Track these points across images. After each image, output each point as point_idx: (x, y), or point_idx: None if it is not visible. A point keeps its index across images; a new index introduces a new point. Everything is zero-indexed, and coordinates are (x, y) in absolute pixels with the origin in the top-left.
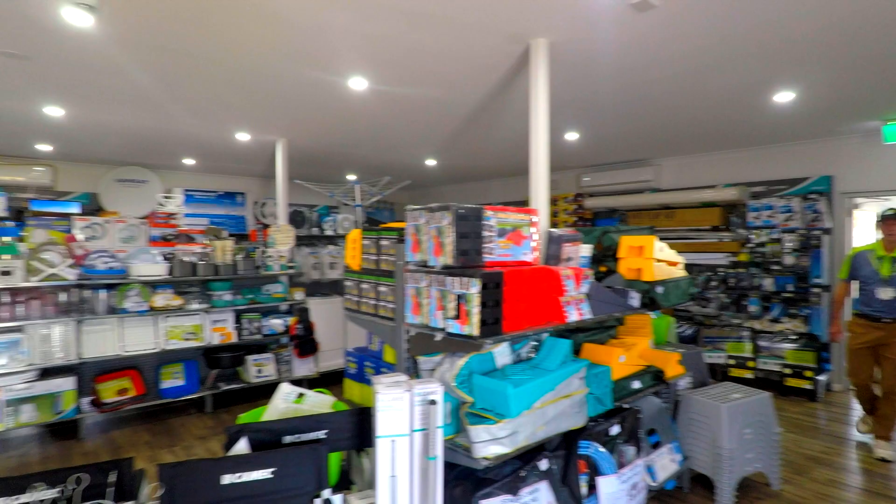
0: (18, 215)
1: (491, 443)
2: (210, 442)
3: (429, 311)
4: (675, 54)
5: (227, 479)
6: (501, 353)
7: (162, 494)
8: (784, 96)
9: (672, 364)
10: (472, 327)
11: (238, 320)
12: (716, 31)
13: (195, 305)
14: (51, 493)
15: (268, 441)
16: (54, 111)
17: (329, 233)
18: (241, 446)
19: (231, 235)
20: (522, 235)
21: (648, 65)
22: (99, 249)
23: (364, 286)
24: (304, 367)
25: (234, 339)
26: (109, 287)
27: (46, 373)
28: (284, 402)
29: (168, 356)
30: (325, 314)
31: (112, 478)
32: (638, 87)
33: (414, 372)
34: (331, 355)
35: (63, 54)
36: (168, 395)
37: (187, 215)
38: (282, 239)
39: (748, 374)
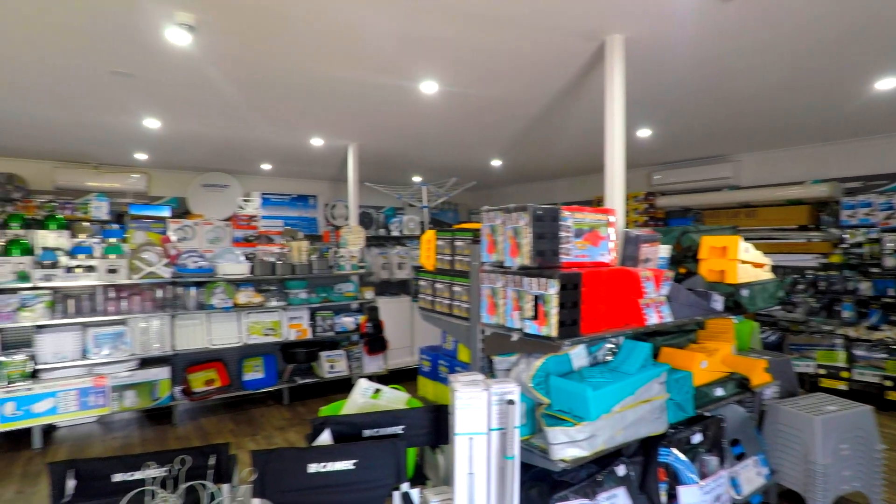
0: (119, 218)
1: (569, 445)
2: (288, 433)
3: (505, 311)
4: (761, 43)
5: (312, 467)
6: (578, 355)
7: (255, 479)
8: (887, 83)
9: (758, 372)
10: (551, 328)
11: (313, 317)
12: (810, 14)
13: (274, 303)
14: (160, 472)
15: (349, 434)
16: (152, 123)
17: (395, 233)
18: (325, 437)
19: (305, 237)
20: (600, 236)
21: (731, 55)
22: (189, 250)
23: (438, 286)
24: (373, 364)
25: (308, 335)
26: (198, 285)
27: (145, 362)
28: (363, 397)
29: (249, 350)
30: (393, 313)
31: (211, 461)
32: (718, 79)
33: (489, 371)
34: (399, 353)
35: (163, 71)
36: (249, 386)
37: (264, 217)
38: (353, 240)
39: (842, 386)
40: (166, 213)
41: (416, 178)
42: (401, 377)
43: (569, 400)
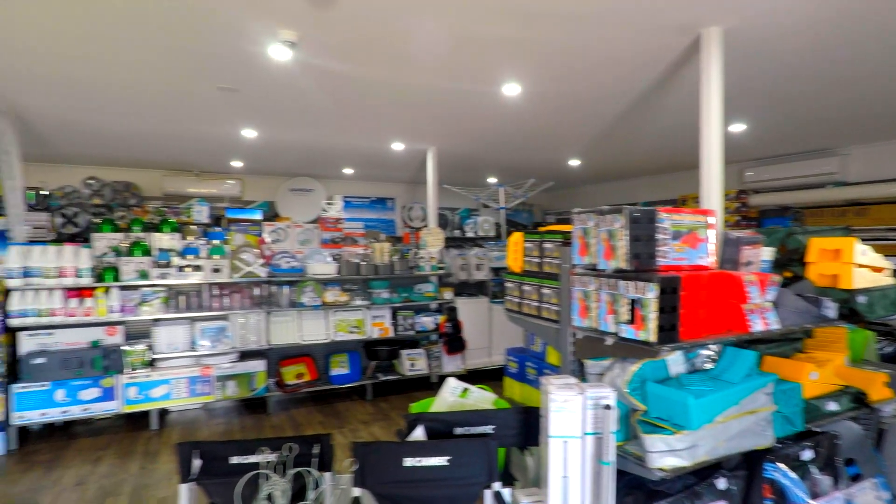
0: (217, 221)
1: (667, 454)
2: (372, 427)
3: (598, 314)
4: (877, 29)
5: (408, 461)
6: (675, 361)
7: (355, 469)
8: None
9: (877, 386)
10: (649, 333)
11: (394, 316)
12: None
13: (358, 302)
14: (271, 457)
15: (441, 431)
16: (249, 133)
17: (470, 234)
18: (419, 433)
19: (386, 238)
20: (699, 238)
21: (840, 44)
22: (282, 251)
23: (526, 288)
24: (452, 364)
25: (390, 333)
26: (290, 284)
27: (244, 355)
28: (452, 396)
29: (335, 346)
30: (471, 313)
31: (315, 450)
32: (823, 69)
33: (580, 375)
34: (477, 353)
35: (263, 85)
36: (336, 381)
37: (345, 219)
38: (432, 241)
39: None
40: (258, 215)
41: (492, 179)
42: (479, 377)
43: (668, 407)
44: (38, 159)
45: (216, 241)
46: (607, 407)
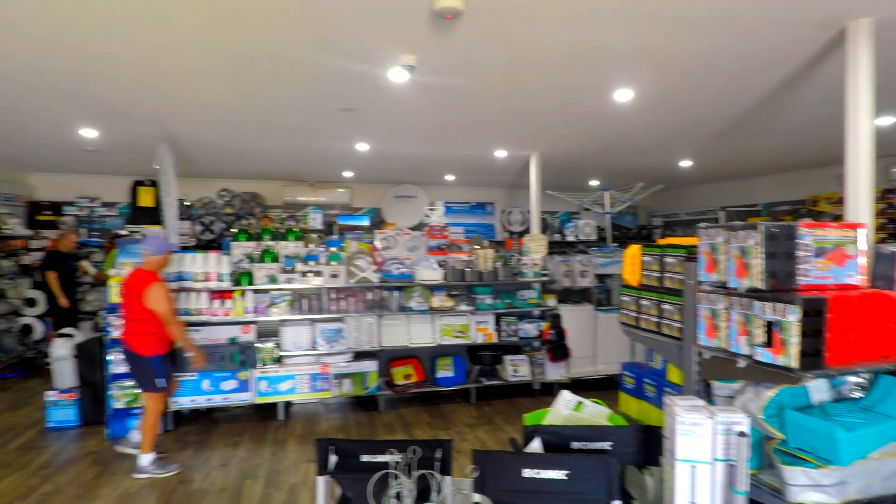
0: (329, 227)
1: (811, 489)
2: (477, 430)
3: (728, 335)
4: None
5: (527, 472)
6: (818, 388)
7: (476, 475)
8: None
9: None
10: (790, 358)
11: (498, 322)
12: None
13: (463, 307)
14: (398, 457)
15: (557, 444)
16: (362, 146)
17: (570, 238)
18: (536, 445)
19: (489, 244)
20: (846, 254)
21: None
22: (392, 257)
23: (644, 302)
24: (555, 372)
25: (494, 339)
26: (399, 289)
27: (358, 355)
28: (566, 409)
29: (441, 350)
30: (575, 321)
31: (438, 454)
32: None
33: (705, 396)
34: (581, 362)
35: (379, 104)
36: (441, 383)
37: (446, 224)
38: (535, 248)
39: None
40: (366, 222)
41: (594, 182)
42: (584, 386)
43: (811, 438)
44: (181, 174)
45: (333, 249)
46: (742, 434)
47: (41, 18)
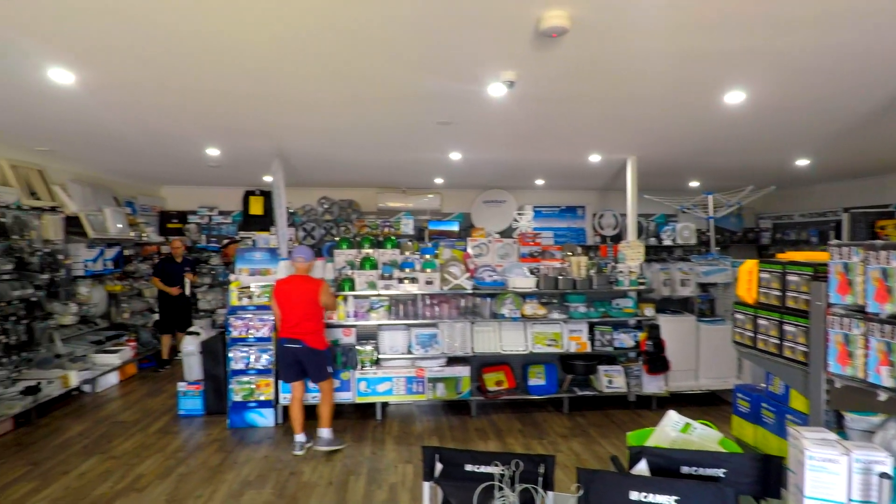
0: (420, 233)
1: None
2: (571, 442)
3: (866, 364)
4: None
5: (634, 495)
6: None
7: (580, 494)
8: None
9: None
10: None
11: (591, 331)
12: None
13: (555, 315)
14: (500, 469)
15: (665, 467)
16: (455, 155)
17: (667, 242)
18: (642, 467)
19: (582, 250)
20: None
21: None
22: (484, 264)
23: (762, 322)
24: (653, 384)
25: (587, 348)
26: (491, 296)
27: (451, 360)
28: (674, 431)
29: (532, 357)
30: (675, 332)
31: (541, 469)
32: None
33: (836, 427)
34: (682, 375)
35: (475, 116)
36: (533, 391)
37: (535, 229)
38: (632, 255)
39: None
40: (455, 227)
41: (693, 183)
42: (683, 401)
43: None
44: (286, 184)
45: (428, 256)
46: (885, 476)
47: (176, 54)
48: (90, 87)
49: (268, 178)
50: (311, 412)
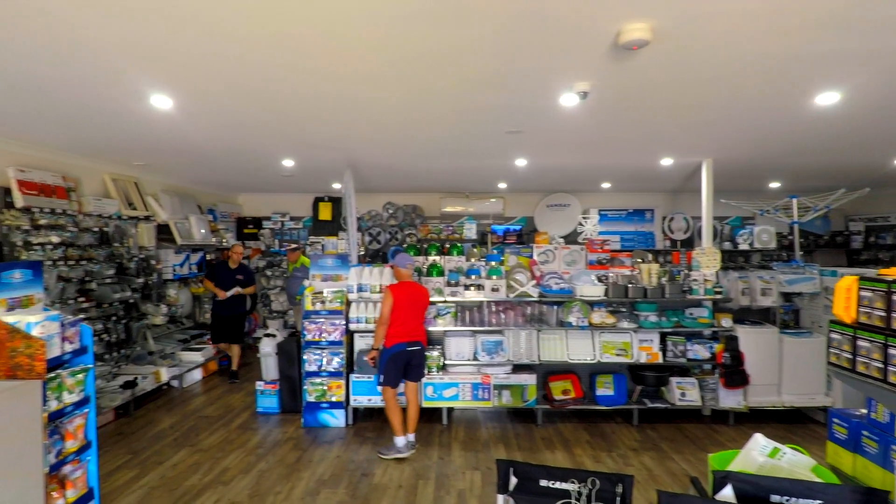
0: (483, 237)
1: None
2: (642, 456)
3: None
4: None
5: None
6: None
7: None
8: None
9: None
10: None
11: (663, 341)
12: None
13: (625, 324)
14: (577, 486)
15: (753, 495)
16: (521, 162)
17: (744, 247)
18: (727, 493)
19: (652, 256)
20: None
21: None
22: (551, 271)
23: (863, 344)
24: (730, 399)
25: (659, 359)
26: (557, 303)
27: (516, 368)
28: (761, 455)
29: (600, 367)
30: (754, 344)
31: (619, 489)
32: None
33: None
34: (762, 390)
35: (544, 125)
36: (601, 401)
37: (600, 233)
38: (707, 262)
39: None
40: (518, 231)
41: (774, 185)
42: (764, 417)
43: None
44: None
45: (493, 263)
46: None
47: (260, 81)
48: (185, 110)
49: (336, 185)
50: (368, 416)
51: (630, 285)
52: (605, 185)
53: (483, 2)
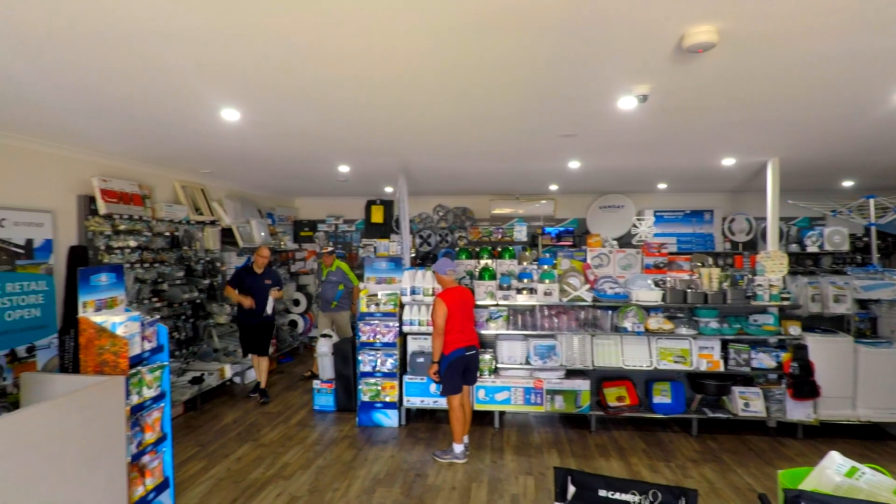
0: (533, 240)
1: None
2: (702, 467)
3: None
4: None
5: None
6: None
7: None
8: None
9: None
10: None
11: (724, 349)
12: None
13: (684, 331)
14: (637, 498)
15: None
16: (574, 164)
17: (812, 249)
18: None
19: (711, 258)
20: None
21: None
22: (605, 276)
23: None
24: (799, 411)
25: (720, 367)
26: (612, 308)
27: (569, 373)
28: (838, 475)
29: (657, 374)
30: (826, 354)
31: (682, 502)
32: None
33: None
34: (834, 403)
35: (599, 128)
36: (658, 409)
37: (656, 235)
38: (772, 266)
39: None
40: (569, 233)
41: (847, 183)
42: (836, 433)
43: None
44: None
45: (546, 267)
46: None
47: (319, 92)
48: (251, 121)
49: (388, 189)
50: (420, 417)
51: (689, 290)
52: (661, 186)
53: (545, 13)
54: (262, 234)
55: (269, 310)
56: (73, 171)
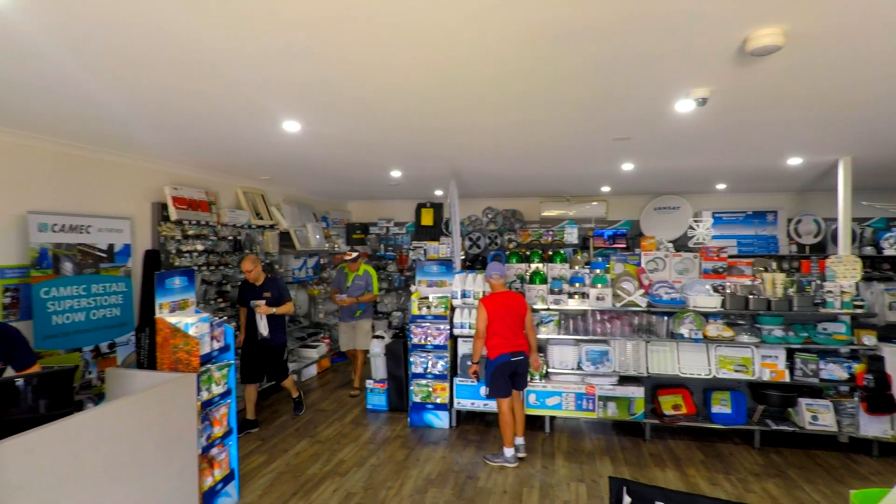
0: (584, 242)
1: None
2: (765, 482)
3: None
4: None
5: None
6: None
7: None
8: None
9: None
10: None
11: (790, 358)
12: None
13: (745, 338)
14: None
15: None
16: (627, 167)
17: (889, 252)
18: None
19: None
20: None
21: None
22: (660, 280)
23: None
24: (874, 426)
25: (785, 377)
26: (668, 314)
27: (623, 379)
28: None
29: (715, 383)
30: None
31: None
32: None
33: None
34: None
35: (654, 131)
36: (717, 420)
37: (714, 237)
38: (844, 272)
39: None
40: (622, 235)
41: None
42: None
43: None
44: None
45: (598, 271)
46: None
47: (374, 103)
48: (310, 131)
49: (438, 192)
50: (470, 419)
51: (751, 296)
52: (720, 186)
53: (604, 23)
54: (318, 236)
55: (262, 331)
56: (148, 180)
